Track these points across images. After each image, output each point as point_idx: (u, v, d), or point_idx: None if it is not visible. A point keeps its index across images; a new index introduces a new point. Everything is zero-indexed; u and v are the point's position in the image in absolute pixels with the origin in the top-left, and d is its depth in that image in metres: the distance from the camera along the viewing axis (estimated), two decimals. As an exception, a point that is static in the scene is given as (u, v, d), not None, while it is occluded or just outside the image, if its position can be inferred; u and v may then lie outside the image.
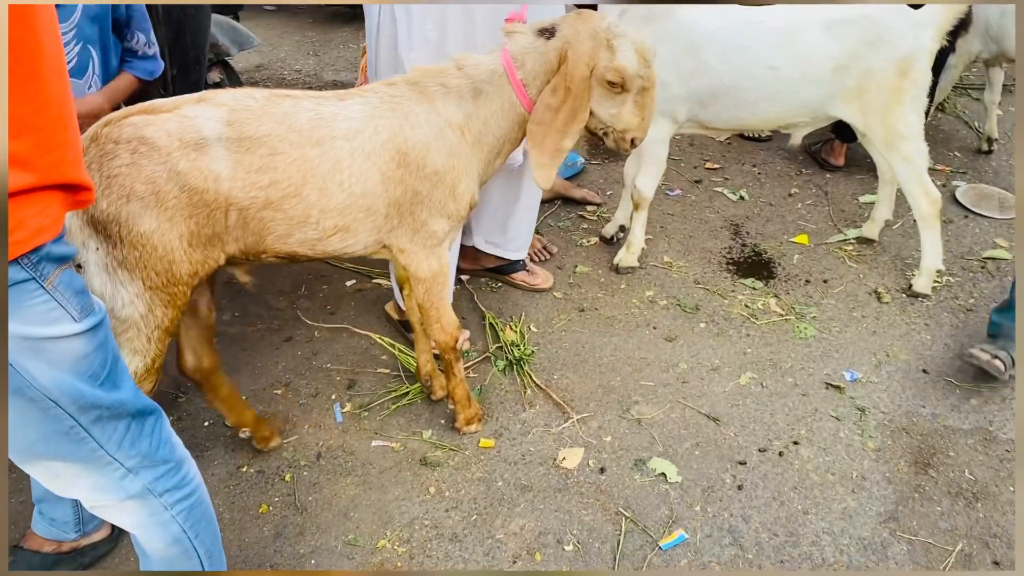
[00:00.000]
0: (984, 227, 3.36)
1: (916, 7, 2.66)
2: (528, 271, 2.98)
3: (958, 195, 3.53)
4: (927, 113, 3.71)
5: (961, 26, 3.56)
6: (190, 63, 2.77)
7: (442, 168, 1.95)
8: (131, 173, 1.69)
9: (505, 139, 2.04)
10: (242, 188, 1.78)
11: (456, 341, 2.23)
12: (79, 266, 1.71)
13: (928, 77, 2.70)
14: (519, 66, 1.96)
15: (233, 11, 3.60)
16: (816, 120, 2.86)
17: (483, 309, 2.87)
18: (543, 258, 3.14)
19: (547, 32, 1.95)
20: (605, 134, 2.05)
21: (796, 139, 2.97)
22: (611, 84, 1.93)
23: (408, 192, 1.95)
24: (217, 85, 3.35)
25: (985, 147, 3.86)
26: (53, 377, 1.22)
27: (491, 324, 2.79)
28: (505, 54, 1.97)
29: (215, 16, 3.28)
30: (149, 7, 2.72)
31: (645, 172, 2.90)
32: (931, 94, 2.89)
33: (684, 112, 2.77)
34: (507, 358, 2.64)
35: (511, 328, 2.77)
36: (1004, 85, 3.86)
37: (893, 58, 2.62)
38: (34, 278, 1.16)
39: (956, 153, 3.87)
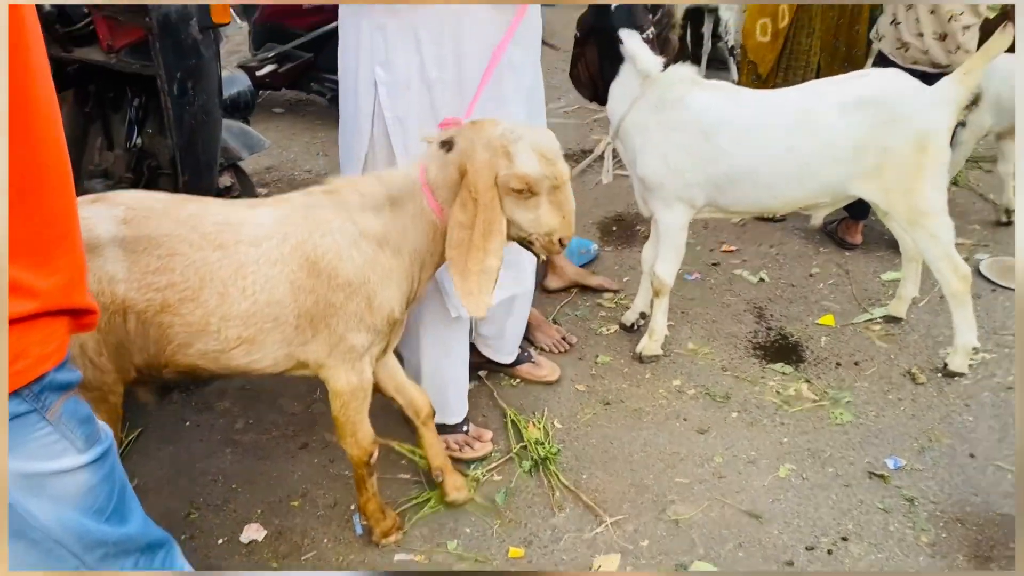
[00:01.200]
0: (1013, 301, 3.27)
1: (937, 75, 2.66)
2: (533, 362, 2.89)
3: (982, 269, 3.46)
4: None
5: (972, 100, 3.56)
6: (202, 169, 2.74)
7: (356, 279, 1.87)
8: None
9: (424, 250, 1.97)
10: (138, 290, 1.72)
11: (370, 456, 2.12)
12: None
13: (947, 153, 2.66)
14: (431, 180, 1.91)
15: (245, 116, 3.62)
16: (837, 200, 2.82)
17: (504, 406, 2.76)
18: (562, 349, 3.05)
19: (447, 144, 1.90)
20: (530, 242, 1.94)
21: (817, 220, 2.92)
22: (517, 191, 1.84)
23: (320, 303, 1.86)
24: (228, 189, 3.33)
25: (1004, 219, 3.81)
26: (57, 515, 1.12)
27: (513, 421, 2.67)
28: (422, 168, 1.93)
29: (226, 121, 3.28)
30: (162, 116, 2.72)
31: (664, 259, 2.84)
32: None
33: (702, 198, 2.74)
34: (532, 458, 2.52)
35: (534, 425, 2.66)
36: (1016, 156, 3.84)
37: (911, 136, 2.58)
38: (36, 410, 1.07)
39: (976, 226, 3.82)
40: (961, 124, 3.62)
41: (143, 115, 2.98)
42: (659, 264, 2.86)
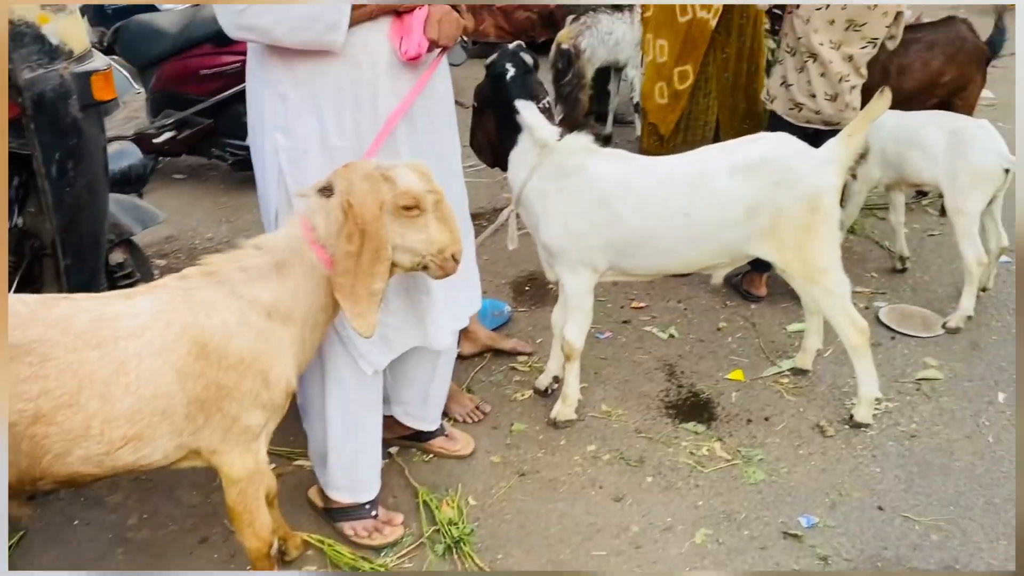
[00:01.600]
0: (912, 347, 3.37)
1: (829, 132, 2.75)
2: (447, 435, 2.81)
3: (881, 316, 3.55)
4: (840, 237, 3.85)
5: (860, 155, 3.70)
6: (86, 249, 2.60)
7: (248, 355, 1.81)
8: None
9: (317, 308, 1.95)
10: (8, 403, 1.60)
11: (270, 547, 2.03)
12: None
13: (838, 211, 2.74)
14: (314, 227, 1.90)
15: (137, 189, 3.48)
16: (735, 260, 2.86)
17: (415, 485, 2.67)
18: (476, 419, 2.98)
19: (326, 190, 1.90)
20: (425, 266, 1.97)
21: (717, 278, 2.97)
22: (407, 209, 1.88)
23: (211, 386, 1.79)
24: (120, 266, 3.17)
25: (899, 266, 3.94)
26: None
27: (425, 502, 2.58)
28: (304, 221, 1.91)
29: (115, 196, 3.14)
30: (39, 191, 2.57)
31: (573, 322, 2.83)
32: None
33: (604, 262, 2.75)
34: (445, 541, 2.43)
35: (448, 504, 2.57)
36: (907, 204, 3.99)
37: (801, 197, 2.65)
38: None
39: (873, 274, 3.93)
40: (853, 176, 3.76)
41: (23, 194, 2.83)
42: (568, 328, 2.84)
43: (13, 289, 2.81)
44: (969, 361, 3.26)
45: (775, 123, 3.44)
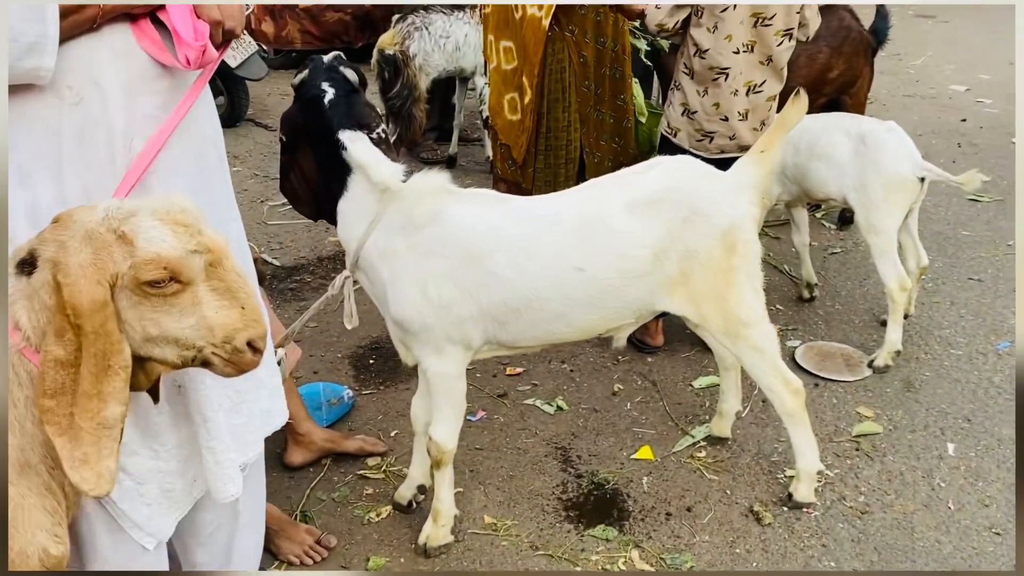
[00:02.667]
0: (840, 395, 3.12)
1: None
2: None
3: (798, 358, 3.30)
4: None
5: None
6: None
7: None
8: None
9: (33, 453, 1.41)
10: None
11: None
12: None
13: (758, 247, 2.42)
14: (17, 324, 1.37)
15: None
16: (641, 318, 2.48)
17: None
18: (317, 558, 2.44)
19: (26, 265, 1.37)
20: (205, 361, 1.43)
21: (620, 342, 2.55)
22: (156, 284, 1.34)
23: None
24: None
25: (806, 294, 3.72)
26: None
27: None
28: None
29: None
30: None
31: (442, 418, 2.35)
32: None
33: (479, 335, 2.30)
34: None
35: None
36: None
37: (714, 233, 2.31)
38: None
39: (778, 306, 3.69)
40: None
41: None
42: (436, 427, 2.35)
43: None
44: (907, 407, 3.05)
45: (668, 146, 3.11)
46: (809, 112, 3.14)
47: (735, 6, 2.88)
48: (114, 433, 1.36)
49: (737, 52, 2.95)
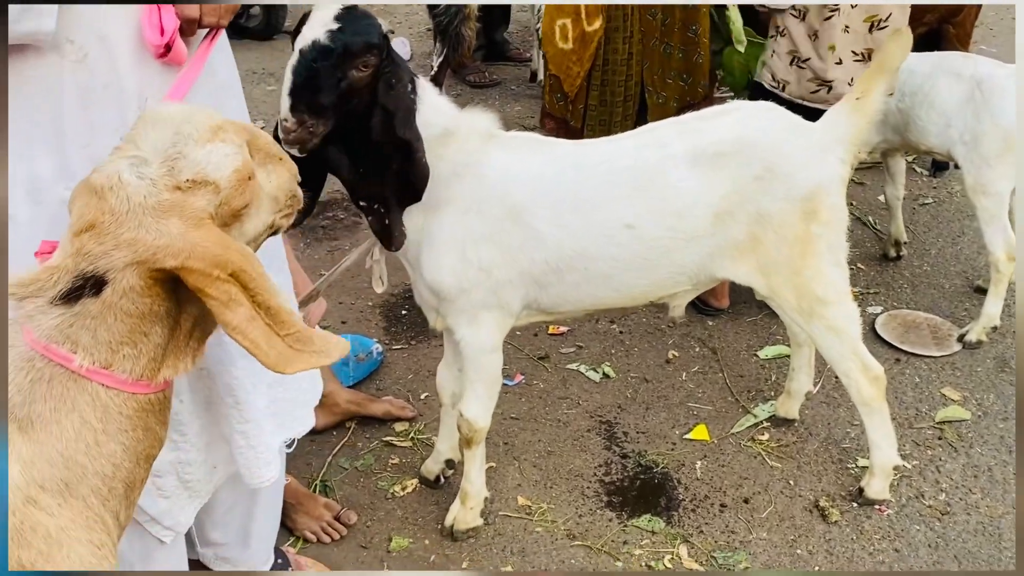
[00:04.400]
0: (924, 373, 3.02)
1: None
2: (295, 566, 2.32)
3: (879, 328, 3.18)
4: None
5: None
6: None
7: None
8: None
9: (120, 461, 1.43)
10: None
11: None
12: None
13: (844, 216, 2.30)
14: (78, 350, 1.34)
15: None
16: (701, 285, 2.41)
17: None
18: (335, 535, 2.46)
19: (90, 287, 1.32)
20: (275, 230, 1.54)
21: (678, 311, 2.48)
22: (241, 198, 1.38)
23: None
24: None
25: (893, 252, 3.58)
26: None
27: None
28: (37, 346, 1.33)
29: None
30: None
31: (474, 395, 2.30)
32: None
33: (518, 300, 2.25)
34: None
35: None
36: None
37: (793, 196, 2.20)
38: None
39: (859, 265, 3.55)
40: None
41: None
42: (468, 404, 2.31)
43: None
44: (1000, 390, 2.95)
45: (760, 91, 3.00)
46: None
47: None
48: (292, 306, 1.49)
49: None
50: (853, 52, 2.87)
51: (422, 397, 2.94)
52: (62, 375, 1.32)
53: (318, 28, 1.90)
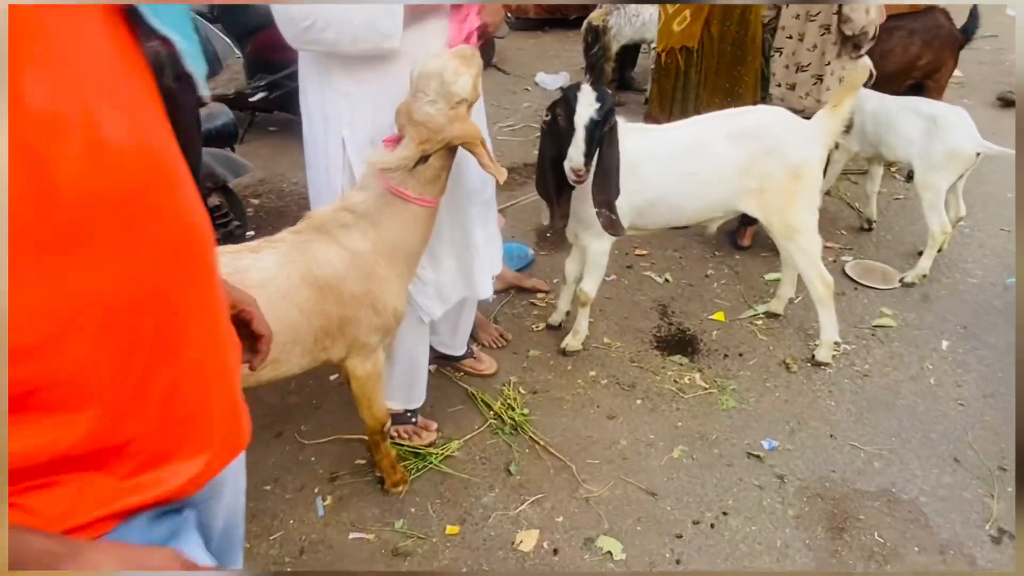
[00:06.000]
0: (872, 297, 3.18)
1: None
2: (475, 357, 2.72)
3: (847, 269, 3.36)
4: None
5: (845, 128, 3.42)
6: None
7: (359, 292, 1.76)
8: None
9: (412, 243, 1.86)
10: None
11: (383, 426, 2.07)
12: None
13: (819, 180, 2.55)
14: (407, 188, 1.77)
15: (229, 144, 3.38)
16: (727, 214, 2.69)
17: (466, 388, 2.64)
18: (500, 345, 2.90)
19: (420, 161, 1.75)
20: (475, 100, 1.83)
21: (712, 229, 2.79)
22: (473, 101, 1.78)
23: (333, 319, 1.76)
24: (217, 207, 3.12)
25: (866, 226, 3.70)
26: None
27: (482, 400, 2.58)
28: (385, 182, 1.76)
29: (210, 150, 3.06)
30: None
31: (590, 278, 2.66)
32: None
33: (627, 222, 2.52)
34: (507, 424, 2.47)
35: (508, 390, 2.59)
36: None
37: (786, 164, 2.46)
38: None
39: (843, 232, 3.71)
40: (836, 146, 3.50)
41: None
42: (586, 282, 2.67)
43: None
44: (920, 312, 3.07)
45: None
46: (897, 92, 3.13)
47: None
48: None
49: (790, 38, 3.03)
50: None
51: (554, 282, 3.32)
52: (398, 201, 1.77)
53: (590, 108, 2.17)
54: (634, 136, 2.45)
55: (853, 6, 2.87)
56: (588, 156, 2.21)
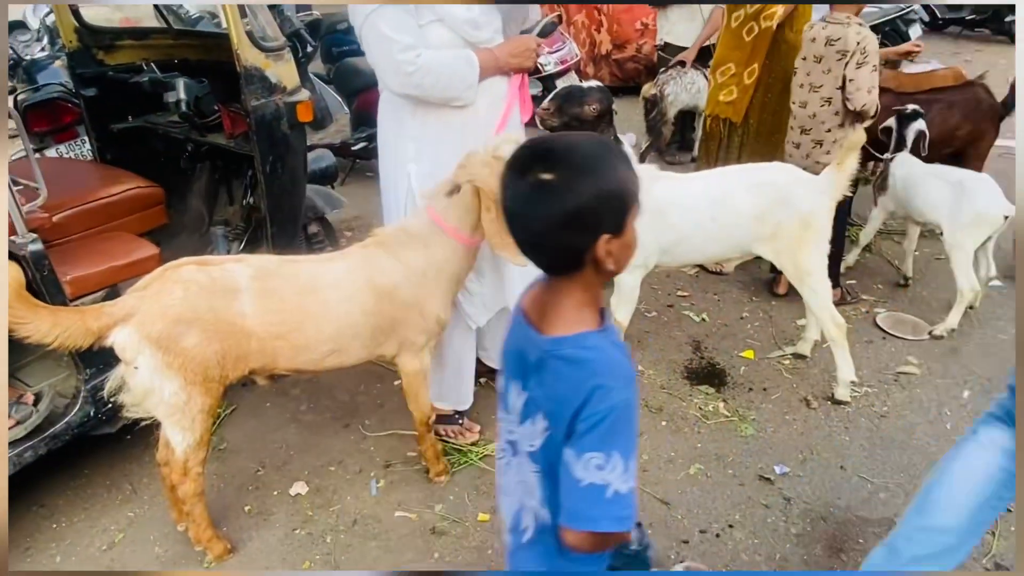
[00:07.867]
0: (899, 347, 3.17)
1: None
2: None
3: (878, 320, 3.35)
4: (857, 253, 3.69)
5: (881, 187, 3.48)
6: (287, 222, 2.88)
7: (410, 299, 2.02)
8: (183, 304, 1.75)
9: (454, 269, 2.08)
10: (260, 324, 1.86)
11: (427, 419, 2.27)
12: (136, 368, 1.76)
13: (828, 229, 2.62)
14: (447, 219, 2.00)
15: (330, 182, 3.78)
16: (744, 255, 2.80)
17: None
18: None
19: (454, 189, 1.99)
20: None
21: (729, 268, 2.91)
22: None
23: (388, 319, 2.02)
24: (315, 235, 3.48)
25: (902, 282, 3.67)
26: None
27: None
28: (431, 212, 2.02)
29: (314, 187, 3.45)
30: (255, 183, 2.85)
31: (621, 309, 2.79)
32: (841, 236, 2.96)
33: (654, 260, 2.70)
34: None
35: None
36: (921, 234, 3.67)
37: (797, 214, 2.57)
38: None
39: (879, 285, 3.70)
40: (874, 204, 3.56)
41: (252, 183, 3.16)
42: (618, 313, 2.81)
43: (241, 246, 3.17)
44: (945, 363, 3.04)
45: None
46: (939, 160, 3.24)
47: None
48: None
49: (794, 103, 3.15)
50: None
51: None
52: (440, 231, 2.03)
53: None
54: (663, 183, 2.62)
55: (854, 88, 2.92)
56: None
